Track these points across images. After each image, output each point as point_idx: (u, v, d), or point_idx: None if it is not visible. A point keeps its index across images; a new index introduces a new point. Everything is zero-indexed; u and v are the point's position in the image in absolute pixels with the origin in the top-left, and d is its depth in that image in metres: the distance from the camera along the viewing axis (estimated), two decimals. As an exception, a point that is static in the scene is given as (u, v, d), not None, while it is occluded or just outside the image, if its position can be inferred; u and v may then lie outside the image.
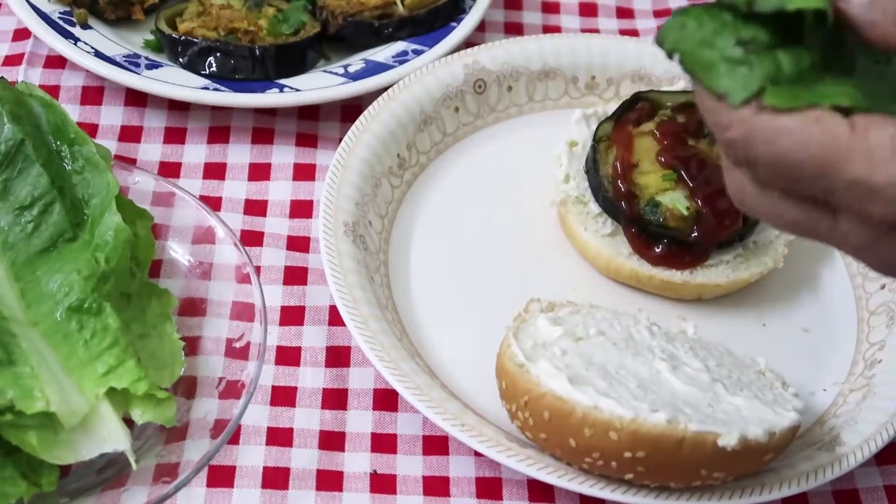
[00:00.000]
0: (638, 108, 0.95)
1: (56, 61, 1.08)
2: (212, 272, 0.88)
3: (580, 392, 0.71)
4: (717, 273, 0.90)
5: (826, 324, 0.92)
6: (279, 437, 0.82)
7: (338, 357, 0.88)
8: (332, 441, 0.83)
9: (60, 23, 1.05)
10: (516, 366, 0.75)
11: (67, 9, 1.07)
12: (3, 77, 0.87)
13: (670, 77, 1.03)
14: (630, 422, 0.70)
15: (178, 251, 0.90)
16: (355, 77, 1.03)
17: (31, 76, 1.06)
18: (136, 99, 1.05)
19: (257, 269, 0.91)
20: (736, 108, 0.55)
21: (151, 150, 1.02)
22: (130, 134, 1.03)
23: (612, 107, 0.97)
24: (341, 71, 1.05)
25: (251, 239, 0.95)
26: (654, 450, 0.70)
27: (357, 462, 0.82)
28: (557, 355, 0.76)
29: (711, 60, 0.60)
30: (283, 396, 0.85)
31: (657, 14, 1.22)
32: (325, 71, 1.06)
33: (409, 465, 0.82)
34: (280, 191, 0.99)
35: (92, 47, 1.03)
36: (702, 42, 0.61)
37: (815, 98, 0.57)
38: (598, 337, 0.79)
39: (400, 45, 1.08)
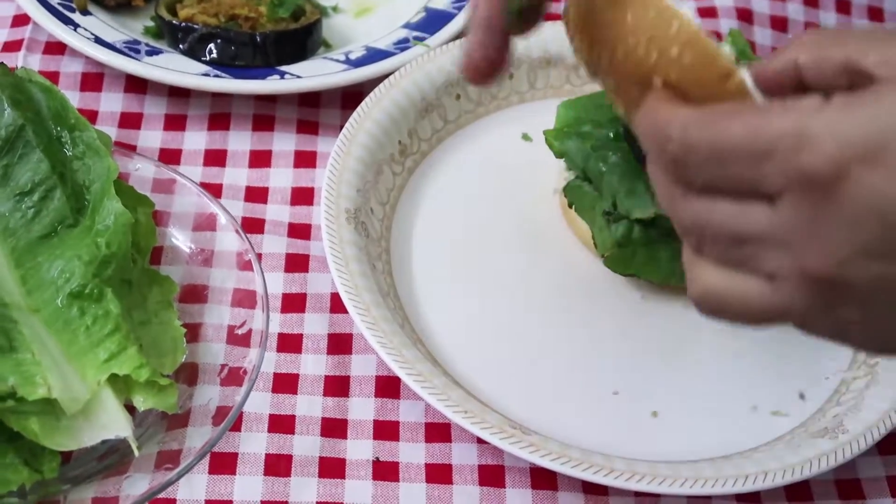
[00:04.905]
0: None
1: (55, 47, 1.07)
2: (213, 259, 0.88)
3: None
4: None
5: (828, 312, 0.92)
6: (281, 424, 0.82)
7: (340, 344, 0.88)
8: (334, 428, 0.83)
9: (60, 9, 1.04)
10: None
11: (67, -6, 1.07)
12: (2, 63, 0.86)
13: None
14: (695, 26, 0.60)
15: (179, 238, 0.89)
16: (356, 64, 1.03)
17: (30, 62, 1.06)
18: (136, 85, 1.05)
19: (259, 256, 0.91)
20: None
21: (151, 137, 1.02)
22: (130, 120, 1.03)
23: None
24: (342, 58, 1.04)
25: (252, 226, 0.95)
26: (701, 64, 0.60)
27: (359, 449, 0.82)
28: None
29: (592, 220, 0.88)
30: (285, 383, 0.85)
31: (659, 2, 1.22)
32: (326, 58, 1.05)
33: (412, 453, 0.82)
34: (281, 178, 0.99)
35: (92, 33, 1.03)
36: (588, 206, 0.89)
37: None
38: None
39: (401, 32, 1.07)
